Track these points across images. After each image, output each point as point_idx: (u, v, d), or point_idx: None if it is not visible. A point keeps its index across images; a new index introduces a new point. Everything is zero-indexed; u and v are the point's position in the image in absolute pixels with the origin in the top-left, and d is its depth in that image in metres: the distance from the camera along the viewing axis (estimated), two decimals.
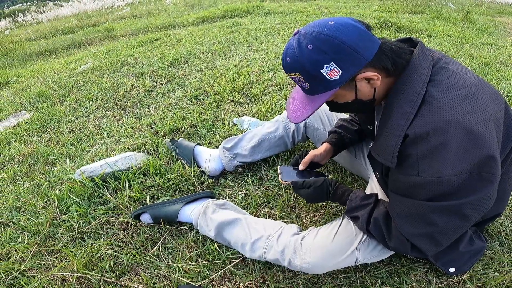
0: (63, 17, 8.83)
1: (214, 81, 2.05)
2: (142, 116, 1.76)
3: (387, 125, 0.65)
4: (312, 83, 0.64)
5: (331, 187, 0.86)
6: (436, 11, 4.63)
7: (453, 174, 0.57)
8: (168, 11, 6.36)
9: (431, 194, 0.61)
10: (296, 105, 0.73)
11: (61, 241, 1.04)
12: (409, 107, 0.61)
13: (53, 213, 1.13)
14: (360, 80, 0.64)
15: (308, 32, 0.61)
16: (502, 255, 0.93)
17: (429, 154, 0.58)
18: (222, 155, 1.22)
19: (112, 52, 3.12)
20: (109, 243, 1.02)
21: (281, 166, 0.99)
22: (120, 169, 1.24)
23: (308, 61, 0.61)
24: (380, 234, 0.75)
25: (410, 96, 0.62)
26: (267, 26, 3.66)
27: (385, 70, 0.65)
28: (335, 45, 0.59)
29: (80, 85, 2.30)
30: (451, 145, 0.56)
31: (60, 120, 1.85)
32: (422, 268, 0.90)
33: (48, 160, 1.48)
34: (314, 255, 0.80)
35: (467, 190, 0.58)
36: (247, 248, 0.89)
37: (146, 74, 2.33)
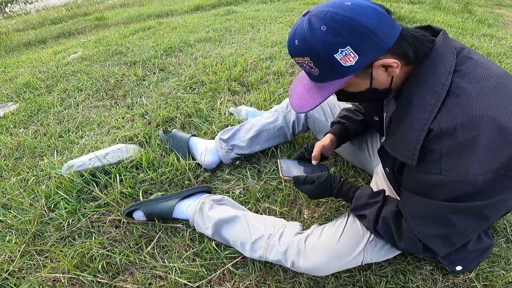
0: (52, 7, 8.58)
1: (209, 70, 1.98)
2: (134, 106, 1.69)
3: (405, 118, 0.59)
4: (323, 69, 0.58)
5: (336, 183, 0.81)
6: (435, 1, 4.58)
7: (480, 173, 0.52)
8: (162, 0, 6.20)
9: (453, 195, 0.56)
10: (301, 93, 0.66)
11: (50, 240, 0.98)
12: (433, 99, 0.55)
13: (41, 210, 1.06)
14: (377, 67, 0.58)
15: (321, 12, 0.54)
16: (508, 253, 0.90)
17: (455, 151, 0.53)
18: (219, 146, 1.16)
19: (102, 41, 3.01)
20: (101, 241, 0.96)
21: (281, 160, 0.93)
22: (110, 162, 1.16)
23: (320, 43, 0.54)
24: (389, 234, 0.71)
25: (434, 87, 0.56)
26: (264, 14, 3.58)
27: (406, 58, 0.59)
28: (353, 27, 0.52)
29: (68, 75, 2.21)
30: (481, 142, 0.52)
31: (48, 111, 1.76)
32: (428, 266, 0.87)
33: (35, 153, 1.41)
34: (319, 256, 0.75)
35: (491, 190, 0.54)
36: (247, 248, 0.84)
37: (138, 63, 2.24)
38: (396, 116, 0.63)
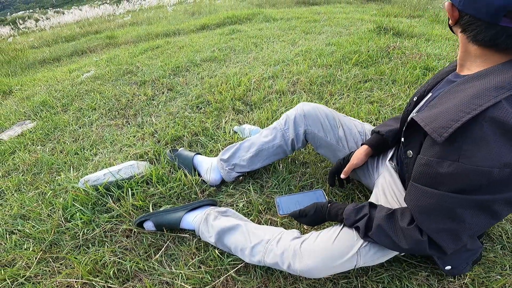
0: (65, 24, 8.96)
1: (215, 89, 2.07)
2: (144, 125, 1.79)
3: (457, 99, 0.59)
4: None
5: (324, 210, 0.87)
6: (434, 15, 4.67)
7: (497, 166, 0.54)
8: (169, 18, 6.44)
9: (464, 185, 0.58)
10: None
11: (66, 248, 1.06)
12: (496, 92, 0.55)
13: (58, 221, 1.15)
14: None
15: None
16: (504, 259, 0.94)
17: (481, 140, 0.54)
18: (220, 167, 1.22)
19: (114, 60, 3.16)
20: (113, 250, 1.04)
21: (277, 198, 1.00)
22: (123, 178, 1.26)
23: None
24: (388, 239, 0.74)
25: (503, 83, 0.56)
26: (267, 32, 3.70)
27: (495, 47, 0.60)
28: None
29: (82, 94, 2.34)
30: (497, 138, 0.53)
31: (64, 129, 1.88)
32: (423, 272, 0.91)
33: (52, 169, 1.51)
34: (313, 258, 0.79)
35: (504, 186, 0.55)
36: (247, 253, 0.89)
37: (148, 82, 2.36)
38: (447, 94, 0.64)
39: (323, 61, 2.44)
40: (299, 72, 2.26)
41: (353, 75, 2.16)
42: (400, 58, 2.42)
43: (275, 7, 7.16)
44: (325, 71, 2.25)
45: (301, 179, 1.28)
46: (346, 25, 4.09)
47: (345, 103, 1.79)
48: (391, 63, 2.33)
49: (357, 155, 1.00)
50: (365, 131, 1.12)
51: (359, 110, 1.69)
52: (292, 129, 1.14)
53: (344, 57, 2.49)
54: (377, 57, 2.44)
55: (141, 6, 9.63)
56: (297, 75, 2.22)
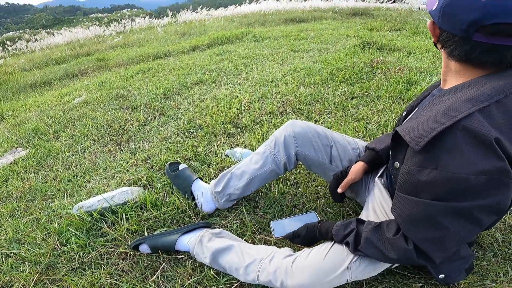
0: (55, 45, 8.99)
1: (206, 113, 2.12)
2: (137, 151, 1.81)
3: (435, 111, 0.63)
4: None
5: (315, 230, 0.91)
6: (414, 27, 4.86)
7: (472, 173, 0.56)
8: (159, 40, 6.55)
9: (443, 192, 0.60)
10: None
11: (62, 270, 1.07)
12: (472, 104, 0.58)
13: (53, 244, 1.16)
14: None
15: None
16: (497, 266, 0.96)
17: (457, 148, 0.57)
18: (215, 199, 1.23)
19: (105, 83, 3.19)
20: (109, 272, 1.05)
21: (272, 222, 1.05)
22: (117, 203, 1.28)
23: None
24: (377, 251, 0.76)
25: (481, 97, 0.59)
26: (256, 52, 3.81)
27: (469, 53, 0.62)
28: None
29: (74, 120, 2.36)
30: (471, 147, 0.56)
31: (56, 156, 1.88)
32: (417, 283, 0.92)
33: (46, 196, 1.52)
34: (305, 275, 0.81)
35: (482, 193, 0.57)
36: (241, 272, 0.91)
37: (140, 107, 2.39)
38: (426, 106, 0.67)
39: (311, 79, 2.53)
40: (288, 92, 2.33)
41: (340, 92, 2.24)
42: (384, 73, 2.52)
43: (264, 26, 7.38)
44: (313, 90, 2.32)
45: (293, 199, 1.31)
46: (332, 42, 4.25)
47: (333, 122, 1.85)
48: (376, 79, 2.42)
49: (354, 170, 1.02)
50: (359, 147, 1.14)
51: (347, 128, 1.75)
52: (283, 151, 1.13)
53: (331, 75, 2.58)
54: (362, 73, 2.54)
55: (131, 27, 9.77)
56: (286, 95, 2.29)
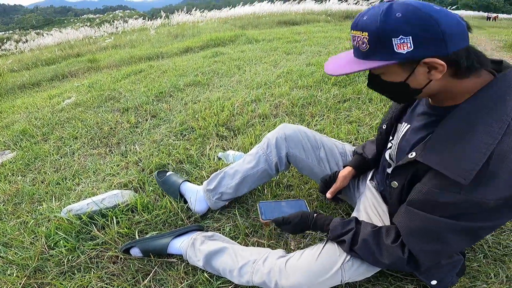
0: (45, 46, 8.84)
1: (198, 115, 2.10)
2: (127, 153, 1.78)
3: (467, 138, 0.61)
4: (374, 47, 0.60)
5: (310, 220, 0.88)
6: None
7: (495, 199, 0.58)
8: (152, 41, 6.51)
9: (459, 212, 0.61)
10: (340, 63, 0.69)
11: (50, 274, 1.04)
12: (498, 127, 0.58)
13: (41, 248, 1.13)
14: (423, 65, 0.59)
15: (407, 4, 0.57)
16: (488, 267, 0.97)
17: (487, 177, 0.58)
18: (207, 197, 1.23)
19: (95, 85, 3.15)
20: (99, 276, 1.02)
21: (260, 203, 1.02)
22: (107, 206, 1.25)
23: (388, 25, 0.57)
24: (370, 254, 0.77)
25: (501, 116, 0.58)
26: (249, 54, 3.82)
27: (455, 67, 0.60)
28: (429, 25, 0.55)
29: (63, 122, 2.31)
30: (504, 174, 0.57)
31: (44, 159, 1.84)
32: (410, 285, 0.93)
33: (34, 199, 1.48)
34: (298, 275, 0.82)
35: (494, 216, 0.60)
36: (235, 274, 0.90)
37: (131, 109, 2.36)
38: (449, 133, 0.64)
39: (303, 82, 2.54)
40: (281, 94, 2.34)
41: (333, 95, 2.25)
42: None
43: (258, 28, 7.41)
44: (306, 92, 2.33)
45: None
46: (325, 44, 4.29)
47: (326, 124, 1.86)
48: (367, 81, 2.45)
49: (342, 176, 1.03)
50: (346, 152, 1.16)
51: (339, 131, 1.76)
52: (275, 152, 1.15)
53: (323, 77, 2.60)
54: (354, 75, 2.57)
55: (123, 29, 9.68)
56: (279, 97, 2.29)
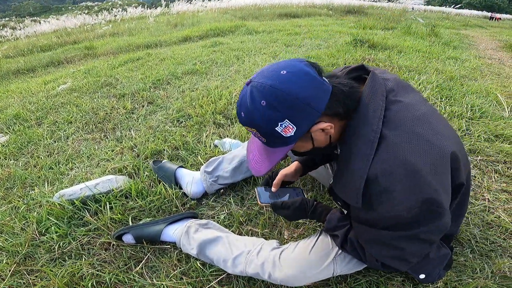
0: (42, 33, 8.69)
1: (196, 103, 2.07)
2: (123, 139, 1.75)
3: (348, 167, 0.66)
4: (269, 139, 0.65)
5: (309, 207, 0.88)
6: (406, 27, 4.93)
7: (403, 209, 0.60)
8: (151, 30, 6.41)
9: (388, 224, 0.65)
10: (255, 155, 0.74)
11: (41, 261, 1.03)
12: (368, 148, 0.62)
13: (32, 234, 1.11)
14: (315, 131, 0.65)
15: (261, 85, 0.60)
16: (474, 262, 0.98)
17: (380, 194, 0.62)
18: (203, 179, 1.24)
19: (92, 71, 3.10)
20: (90, 262, 1.01)
21: (258, 187, 1.01)
22: (100, 192, 1.23)
23: (261, 118, 0.60)
24: (356, 253, 0.79)
25: (368, 136, 0.62)
26: (249, 45, 3.77)
27: (338, 116, 0.66)
28: (288, 101, 0.58)
29: (58, 107, 2.28)
30: (397, 187, 0.59)
31: (38, 143, 1.81)
32: (399, 277, 0.94)
33: (26, 184, 1.46)
34: (292, 267, 0.83)
35: (419, 223, 0.62)
36: (229, 264, 0.90)
37: (127, 95, 2.33)
38: (340, 164, 0.71)
39: None
40: None
41: None
42: None
43: (258, 20, 7.33)
44: None
45: None
46: (326, 38, 4.25)
47: None
48: None
49: (287, 169, 1.03)
50: None
51: None
52: None
53: None
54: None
55: (122, 17, 9.53)
56: None
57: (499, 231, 1.10)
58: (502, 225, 1.11)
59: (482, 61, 3.46)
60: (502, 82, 2.66)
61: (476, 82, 2.56)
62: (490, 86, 2.45)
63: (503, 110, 1.97)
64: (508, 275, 0.93)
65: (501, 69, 3.16)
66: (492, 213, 1.17)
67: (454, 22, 8.40)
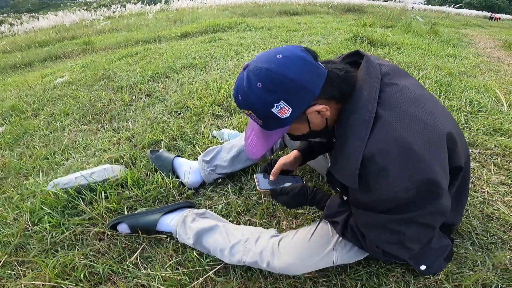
0: (40, 29, 8.63)
1: (194, 95, 2.06)
2: (120, 130, 1.74)
3: (344, 148, 0.66)
4: (265, 121, 0.66)
5: (309, 193, 0.86)
6: (406, 25, 4.92)
7: (401, 190, 0.60)
8: (150, 26, 6.38)
9: (386, 208, 0.64)
10: (253, 139, 0.74)
11: (33, 251, 1.01)
12: (364, 127, 0.62)
13: (25, 224, 1.09)
14: (311, 113, 0.65)
15: (257, 68, 0.61)
16: (475, 254, 0.97)
17: (377, 174, 0.61)
18: (201, 168, 1.22)
19: (90, 65, 3.08)
20: (84, 253, 0.99)
21: (257, 174, 0.99)
22: (96, 181, 1.21)
23: (258, 100, 0.62)
24: (356, 240, 0.77)
25: (363, 116, 0.62)
26: (248, 41, 3.76)
27: (333, 99, 0.67)
28: (284, 84, 0.60)
29: (55, 99, 2.26)
30: (393, 166, 0.59)
31: (34, 134, 1.80)
32: (399, 269, 0.92)
33: (20, 174, 1.44)
34: (291, 255, 0.81)
35: (417, 204, 0.61)
36: (226, 253, 0.88)
37: (125, 88, 2.31)
38: (337, 147, 0.70)
39: None
40: None
41: None
42: None
43: (258, 17, 7.32)
44: None
45: None
46: (325, 35, 4.24)
47: None
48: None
49: (286, 157, 1.02)
50: None
51: None
52: None
53: None
54: None
55: (121, 13, 9.48)
56: None
57: (499, 223, 1.09)
58: (502, 217, 1.10)
59: (481, 59, 3.46)
60: (501, 79, 2.66)
61: (475, 78, 2.56)
62: (489, 82, 2.45)
63: (501, 105, 1.97)
64: (509, 268, 0.92)
65: (500, 67, 3.16)
66: (491, 206, 1.16)
67: (454, 21, 8.41)
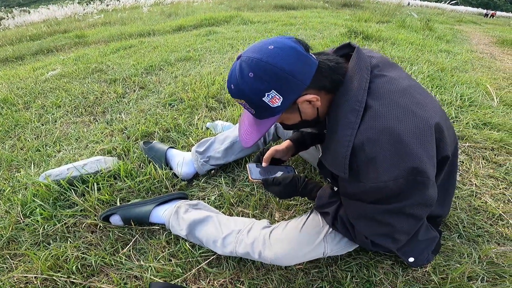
0: (31, 23, 8.46)
1: (188, 87, 2.05)
2: (113, 122, 1.72)
3: (335, 137, 0.66)
4: (257, 110, 0.67)
5: (300, 183, 0.87)
6: (400, 21, 4.94)
7: (389, 179, 0.60)
8: (144, 19, 6.29)
9: (375, 198, 0.65)
10: (247, 128, 0.75)
11: (24, 244, 1.00)
12: (354, 116, 0.63)
13: (16, 217, 1.09)
14: (302, 102, 0.66)
15: (249, 58, 0.62)
16: (461, 247, 0.98)
17: (366, 163, 0.62)
18: (195, 159, 1.22)
19: (82, 58, 3.04)
20: (76, 245, 0.99)
21: (250, 164, 1.00)
22: (88, 172, 1.20)
23: (249, 89, 0.63)
24: (346, 231, 0.78)
25: (353, 105, 0.63)
26: (244, 34, 3.74)
27: (324, 89, 0.68)
28: (275, 73, 0.61)
29: (47, 92, 2.23)
30: (382, 155, 0.60)
31: (25, 126, 1.77)
32: (388, 261, 0.94)
33: (12, 166, 1.43)
34: (282, 246, 0.82)
35: (405, 194, 0.61)
36: (219, 244, 0.89)
37: (118, 80, 2.29)
38: (327, 136, 0.71)
39: None
40: None
41: None
42: None
43: (253, 11, 7.26)
44: None
45: None
46: (320, 29, 4.23)
47: None
48: None
49: (278, 146, 1.03)
50: None
51: None
52: None
53: None
54: None
55: (114, 7, 9.33)
56: None
57: (486, 216, 1.10)
58: (489, 210, 1.12)
59: (474, 55, 3.49)
60: (492, 75, 2.69)
61: (467, 74, 2.58)
62: (480, 78, 2.48)
63: (492, 100, 2.00)
64: (495, 261, 0.94)
65: (492, 63, 3.20)
66: (479, 198, 1.18)
67: (449, 17, 8.44)
